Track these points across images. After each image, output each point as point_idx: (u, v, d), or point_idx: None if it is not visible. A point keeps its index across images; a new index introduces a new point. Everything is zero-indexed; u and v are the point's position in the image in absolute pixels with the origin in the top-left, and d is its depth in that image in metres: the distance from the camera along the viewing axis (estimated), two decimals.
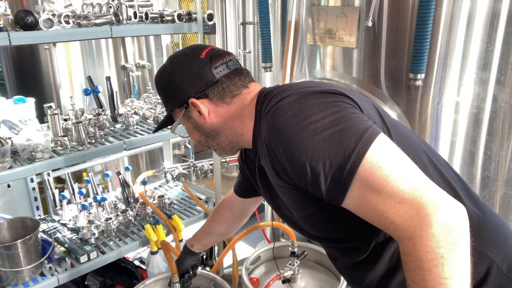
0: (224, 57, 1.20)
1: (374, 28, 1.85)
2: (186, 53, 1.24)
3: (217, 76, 1.17)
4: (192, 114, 1.22)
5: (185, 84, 1.19)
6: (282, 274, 1.91)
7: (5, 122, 1.91)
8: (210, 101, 1.19)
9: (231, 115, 1.20)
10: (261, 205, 3.39)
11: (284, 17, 2.24)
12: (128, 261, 2.45)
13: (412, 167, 0.88)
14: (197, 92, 1.18)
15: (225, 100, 1.19)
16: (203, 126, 1.23)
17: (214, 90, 1.18)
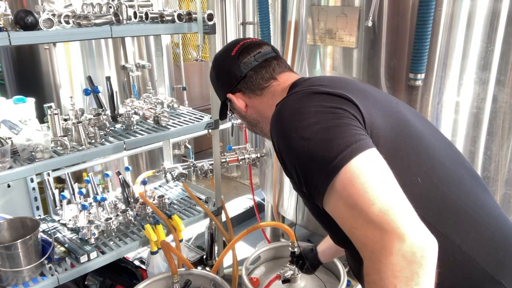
0: (252, 51, 1.25)
1: (374, 28, 1.85)
2: (220, 52, 1.34)
3: (244, 71, 1.24)
4: (235, 106, 1.31)
5: (222, 81, 1.31)
6: (282, 274, 1.91)
7: (5, 122, 1.91)
8: (243, 94, 1.27)
9: (264, 105, 1.25)
10: (261, 205, 3.40)
11: (284, 17, 2.24)
12: (128, 261, 2.45)
13: (391, 188, 0.84)
14: (231, 87, 1.27)
15: (255, 92, 1.26)
16: (244, 116, 1.33)
17: (245, 85, 1.25)
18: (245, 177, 4.66)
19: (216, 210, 2.43)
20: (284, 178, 2.52)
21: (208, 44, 2.14)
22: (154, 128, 2.13)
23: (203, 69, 5.54)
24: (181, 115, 2.35)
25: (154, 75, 3.13)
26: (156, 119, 2.17)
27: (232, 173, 4.82)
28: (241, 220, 3.59)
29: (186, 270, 2.04)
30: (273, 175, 2.57)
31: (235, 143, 4.57)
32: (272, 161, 2.57)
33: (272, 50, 1.29)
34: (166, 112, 2.22)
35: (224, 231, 2.48)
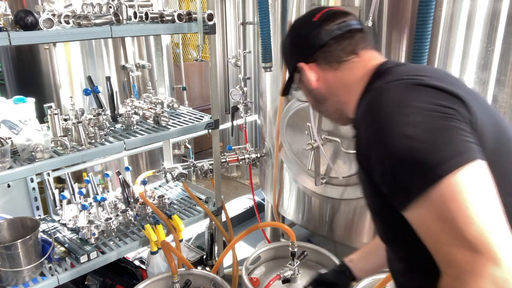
0: (338, 18, 1.13)
1: (374, 28, 1.85)
2: (303, 16, 1.22)
3: (324, 39, 1.11)
4: (303, 78, 1.20)
5: (296, 48, 1.19)
6: (282, 274, 1.91)
7: (5, 122, 1.91)
8: (317, 66, 1.15)
9: (337, 82, 1.15)
10: (261, 205, 3.40)
11: (284, 17, 2.24)
12: (128, 261, 2.45)
13: (494, 209, 0.78)
14: (304, 56, 1.16)
15: (331, 65, 1.14)
16: (312, 91, 1.20)
17: (322, 54, 1.13)
18: (245, 177, 4.66)
19: (216, 210, 2.43)
20: (284, 178, 2.52)
21: (208, 44, 2.14)
22: (154, 128, 2.13)
23: (203, 69, 5.54)
24: (181, 115, 2.35)
25: (154, 75, 3.12)
26: (156, 119, 2.17)
27: (232, 173, 4.82)
28: (241, 220, 3.59)
29: (186, 270, 2.04)
30: (273, 175, 2.57)
31: (235, 143, 4.57)
32: (272, 161, 2.58)
33: (359, 23, 1.16)
34: (166, 112, 2.22)
35: (224, 231, 2.48)
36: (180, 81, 4.51)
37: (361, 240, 2.21)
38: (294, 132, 2.24)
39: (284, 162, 2.45)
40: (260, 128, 2.78)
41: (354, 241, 2.24)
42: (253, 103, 3.31)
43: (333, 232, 2.32)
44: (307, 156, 2.14)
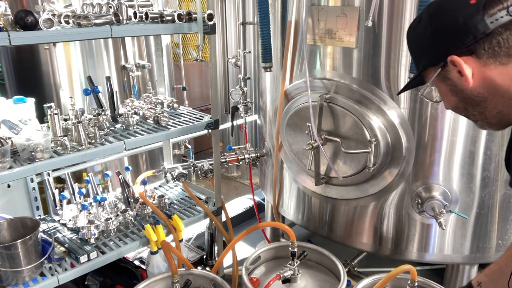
0: (504, 1, 0.92)
1: (374, 28, 1.85)
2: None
3: (491, 27, 0.91)
4: (450, 75, 1.01)
5: (445, 37, 0.98)
6: (282, 274, 1.91)
7: (5, 122, 1.91)
8: (477, 59, 0.96)
9: (506, 79, 0.95)
10: (261, 205, 3.40)
11: (284, 17, 2.24)
12: (128, 261, 2.45)
13: None
14: (460, 47, 0.95)
15: (499, 58, 0.94)
16: (463, 90, 1.01)
17: (485, 45, 0.94)
18: (245, 177, 4.66)
19: (216, 210, 2.43)
20: (284, 178, 2.52)
21: (208, 44, 2.14)
22: (154, 128, 2.13)
23: (203, 69, 5.54)
24: (181, 115, 2.35)
25: (154, 75, 3.13)
26: (156, 119, 2.17)
27: (232, 173, 4.81)
28: (241, 220, 3.59)
29: (186, 270, 2.04)
30: (273, 175, 2.57)
31: (235, 143, 4.57)
32: (272, 161, 2.58)
33: None
34: (166, 112, 2.22)
35: (224, 231, 2.48)
36: (180, 81, 4.51)
37: (361, 240, 2.21)
38: (294, 132, 2.24)
39: (284, 162, 2.45)
40: (260, 128, 2.78)
41: (354, 241, 2.24)
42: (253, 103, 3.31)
43: (333, 232, 2.32)
44: (307, 156, 2.14)
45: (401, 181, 2.00)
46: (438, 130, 1.89)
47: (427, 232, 2.06)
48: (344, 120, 1.99)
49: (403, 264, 1.64)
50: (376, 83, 1.91)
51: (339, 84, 2.02)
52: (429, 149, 1.92)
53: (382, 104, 1.90)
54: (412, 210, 2.03)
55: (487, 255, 2.06)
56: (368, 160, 1.92)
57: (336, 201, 2.23)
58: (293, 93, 2.23)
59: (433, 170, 1.95)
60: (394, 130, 1.91)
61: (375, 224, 2.14)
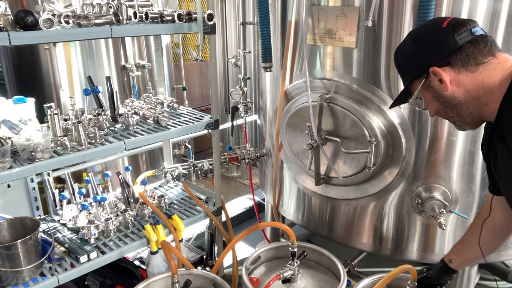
0: (467, 24, 1.18)
1: (374, 28, 1.85)
2: (427, 25, 1.29)
3: (460, 43, 1.16)
4: (432, 83, 1.23)
5: (426, 53, 1.22)
6: (282, 274, 1.91)
7: (5, 122, 1.91)
8: (452, 69, 1.18)
9: (475, 84, 1.17)
10: (261, 204, 3.40)
11: (284, 17, 2.24)
12: (128, 261, 2.45)
13: None
14: (438, 60, 1.19)
15: (468, 67, 1.17)
16: (443, 95, 1.22)
17: (457, 57, 1.17)
18: (245, 177, 4.66)
19: (216, 210, 2.43)
20: (284, 178, 2.53)
21: (208, 44, 2.14)
22: (154, 128, 2.13)
23: (203, 69, 5.54)
24: (181, 115, 2.35)
25: (154, 75, 3.13)
26: (156, 119, 2.17)
27: (232, 173, 4.81)
28: (241, 220, 3.59)
29: (186, 270, 2.04)
30: (273, 175, 2.57)
31: (235, 143, 4.57)
32: (272, 161, 2.58)
33: (482, 29, 1.20)
34: (166, 112, 2.22)
35: (224, 231, 2.48)
36: (180, 81, 4.51)
37: (361, 240, 2.21)
38: (294, 132, 2.24)
39: (284, 162, 2.45)
40: (260, 128, 2.79)
41: (354, 241, 2.24)
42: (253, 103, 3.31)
43: (333, 232, 2.32)
44: (307, 156, 2.14)
45: (401, 181, 2.00)
46: (438, 130, 1.89)
47: (427, 232, 2.06)
48: (344, 120, 1.99)
49: (403, 264, 1.65)
50: (376, 83, 1.91)
51: (339, 84, 2.02)
52: (429, 149, 1.92)
53: (382, 104, 1.90)
54: (412, 210, 2.03)
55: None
56: (368, 160, 1.92)
57: (336, 201, 2.23)
58: (293, 93, 2.23)
59: (433, 170, 1.95)
60: (394, 130, 1.91)
61: (375, 224, 2.14)
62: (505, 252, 2.09)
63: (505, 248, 2.08)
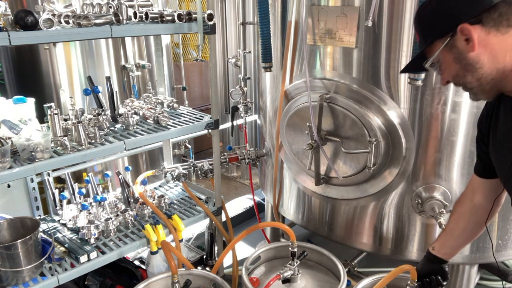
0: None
1: (374, 28, 1.85)
2: None
3: (495, 0, 1.08)
4: (457, 43, 1.14)
5: (457, 9, 1.13)
6: (282, 274, 1.91)
7: (5, 122, 1.91)
8: (482, 28, 1.10)
9: (504, 47, 1.10)
10: (261, 204, 3.40)
11: (284, 17, 2.24)
12: (128, 261, 2.45)
13: None
14: (469, 17, 1.10)
15: (499, 28, 1.09)
16: (466, 57, 1.14)
17: (490, 16, 1.09)
18: (245, 177, 4.66)
19: (216, 210, 2.43)
20: (284, 178, 2.52)
21: (208, 44, 2.14)
22: (154, 128, 2.13)
23: (203, 69, 5.54)
24: (181, 115, 2.35)
25: (154, 75, 3.13)
26: (156, 119, 2.17)
27: (232, 173, 4.81)
28: (241, 220, 3.59)
29: (186, 270, 2.04)
30: (273, 175, 2.57)
31: (235, 143, 4.57)
32: (272, 161, 2.58)
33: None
34: (166, 112, 2.22)
35: (224, 231, 2.48)
36: (180, 81, 4.51)
37: (361, 240, 2.21)
38: (294, 132, 2.24)
39: (284, 162, 2.45)
40: (260, 128, 2.79)
41: (354, 241, 2.24)
42: (253, 103, 3.31)
43: (333, 232, 2.32)
44: (307, 156, 2.14)
45: (401, 181, 2.00)
46: (438, 130, 1.89)
47: (427, 232, 2.06)
48: (344, 120, 1.99)
49: (403, 264, 1.64)
50: (376, 83, 1.91)
51: (339, 84, 2.02)
52: (429, 149, 1.92)
53: (382, 104, 1.90)
54: (412, 210, 2.03)
55: (487, 255, 2.06)
56: (368, 160, 1.92)
57: (336, 201, 2.23)
58: (293, 93, 2.23)
59: (433, 170, 1.95)
60: (394, 130, 1.91)
61: (375, 224, 2.14)
62: (505, 252, 2.09)
63: (505, 248, 2.08)
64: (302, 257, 2.01)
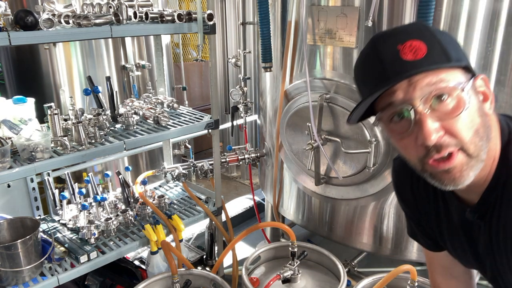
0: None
1: (374, 28, 1.85)
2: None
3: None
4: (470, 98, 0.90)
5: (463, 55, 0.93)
6: (282, 274, 1.91)
7: (5, 122, 1.91)
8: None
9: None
10: (261, 204, 3.40)
11: (284, 17, 2.24)
12: (128, 261, 2.45)
13: None
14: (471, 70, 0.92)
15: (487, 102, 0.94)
16: (486, 114, 0.95)
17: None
18: (245, 177, 4.66)
19: (216, 210, 2.43)
20: (284, 178, 2.52)
21: (208, 44, 2.14)
22: (154, 128, 2.13)
23: (203, 69, 5.54)
24: (181, 115, 2.35)
25: (154, 75, 3.13)
26: (156, 119, 2.17)
27: (232, 173, 4.82)
28: (241, 220, 3.59)
29: (186, 270, 2.04)
30: (273, 175, 2.57)
31: (235, 143, 4.57)
32: (272, 161, 2.58)
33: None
34: (166, 112, 2.22)
35: (224, 231, 2.48)
36: (180, 81, 4.51)
37: (361, 240, 2.21)
38: (294, 132, 2.24)
39: (284, 162, 2.45)
40: (260, 128, 2.79)
41: (354, 241, 2.24)
42: (253, 103, 3.31)
43: (333, 232, 2.32)
44: (307, 156, 2.14)
45: None
46: None
47: None
48: (344, 120, 1.99)
49: (403, 264, 1.65)
50: None
51: (339, 84, 2.02)
52: None
53: None
54: None
55: None
56: (368, 160, 1.92)
57: (336, 201, 2.23)
58: (293, 93, 2.23)
59: None
60: None
61: (375, 224, 2.14)
62: None
63: None
64: (302, 257, 2.01)
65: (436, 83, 0.83)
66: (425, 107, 0.85)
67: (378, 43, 0.89)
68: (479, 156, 0.87)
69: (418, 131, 0.85)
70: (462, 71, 0.87)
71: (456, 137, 0.85)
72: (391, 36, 0.89)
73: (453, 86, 0.84)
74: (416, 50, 0.83)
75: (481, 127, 0.87)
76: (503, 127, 0.94)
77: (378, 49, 0.88)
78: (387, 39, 0.88)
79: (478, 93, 0.90)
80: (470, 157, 0.86)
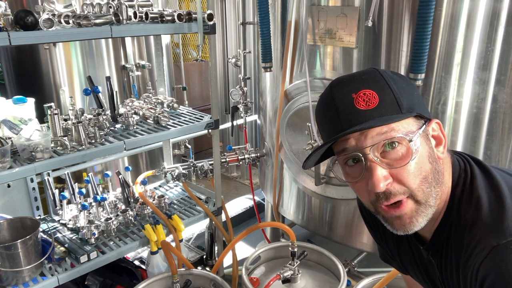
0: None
1: (374, 28, 1.85)
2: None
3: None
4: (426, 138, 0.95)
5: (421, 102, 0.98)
6: (282, 274, 1.91)
7: (5, 122, 1.91)
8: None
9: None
10: (261, 205, 3.40)
11: (284, 17, 2.24)
12: (128, 261, 2.45)
13: None
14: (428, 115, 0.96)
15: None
16: (437, 160, 0.97)
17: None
18: (245, 177, 4.66)
19: (216, 210, 2.43)
20: (284, 178, 2.53)
21: (208, 44, 2.14)
22: (154, 128, 2.13)
23: (203, 69, 5.54)
24: (181, 115, 2.35)
25: (154, 75, 3.13)
26: (156, 119, 2.17)
27: (232, 173, 4.81)
28: (241, 220, 3.59)
29: (186, 270, 2.04)
30: (273, 175, 2.57)
31: (235, 143, 4.57)
32: (272, 161, 2.58)
33: None
34: (166, 112, 2.22)
35: (224, 231, 2.48)
36: (180, 81, 4.51)
37: (361, 240, 2.21)
38: (294, 132, 2.24)
39: (284, 162, 2.45)
40: (260, 128, 2.79)
41: (354, 241, 2.24)
42: (253, 103, 3.31)
43: (333, 232, 2.32)
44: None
45: None
46: None
47: None
48: None
49: None
50: None
51: None
52: None
53: None
54: None
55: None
56: None
57: (336, 201, 2.23)
58: (293, 93, 2.24)
59: None
60: None
61: None
62: None
63: None
64: (302, 257, 2.01)
65: (386, 133, 0.87)
66: (375, 156, 0.88)
67: (335, 90, 0.93)
68: (428, 202, 0.90)
69: (368, 178, 0.89)
70: (413, 119, 0.91)
71: (404, 185, 0.88)
72: (347, 84, 0.93)
73: (402, 136, 0.87)
74: (370, 99, 0.88)
75: (430, 173, 0.90)
76: (454, 169, 0.97)
77: (334, 96, 0.92)
78: (343, 87, 0.92)
79: (430, 138, 0.93)
80: (419, 204, 0.89)
